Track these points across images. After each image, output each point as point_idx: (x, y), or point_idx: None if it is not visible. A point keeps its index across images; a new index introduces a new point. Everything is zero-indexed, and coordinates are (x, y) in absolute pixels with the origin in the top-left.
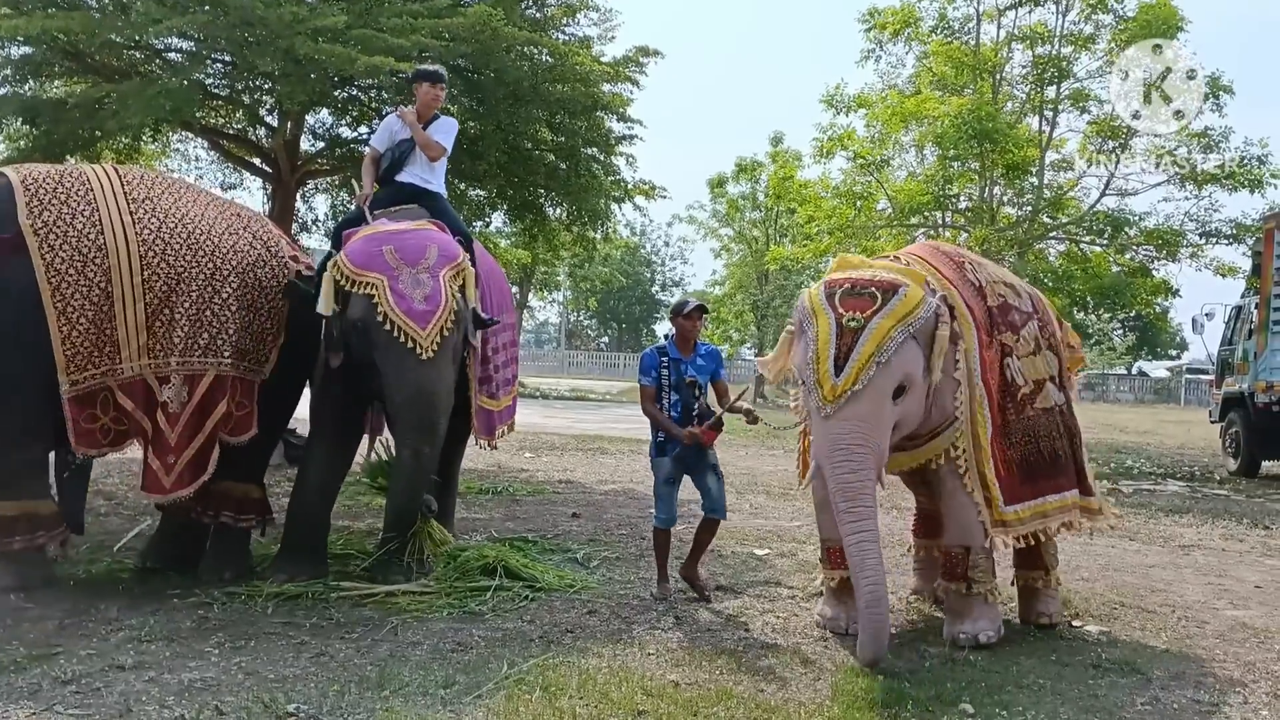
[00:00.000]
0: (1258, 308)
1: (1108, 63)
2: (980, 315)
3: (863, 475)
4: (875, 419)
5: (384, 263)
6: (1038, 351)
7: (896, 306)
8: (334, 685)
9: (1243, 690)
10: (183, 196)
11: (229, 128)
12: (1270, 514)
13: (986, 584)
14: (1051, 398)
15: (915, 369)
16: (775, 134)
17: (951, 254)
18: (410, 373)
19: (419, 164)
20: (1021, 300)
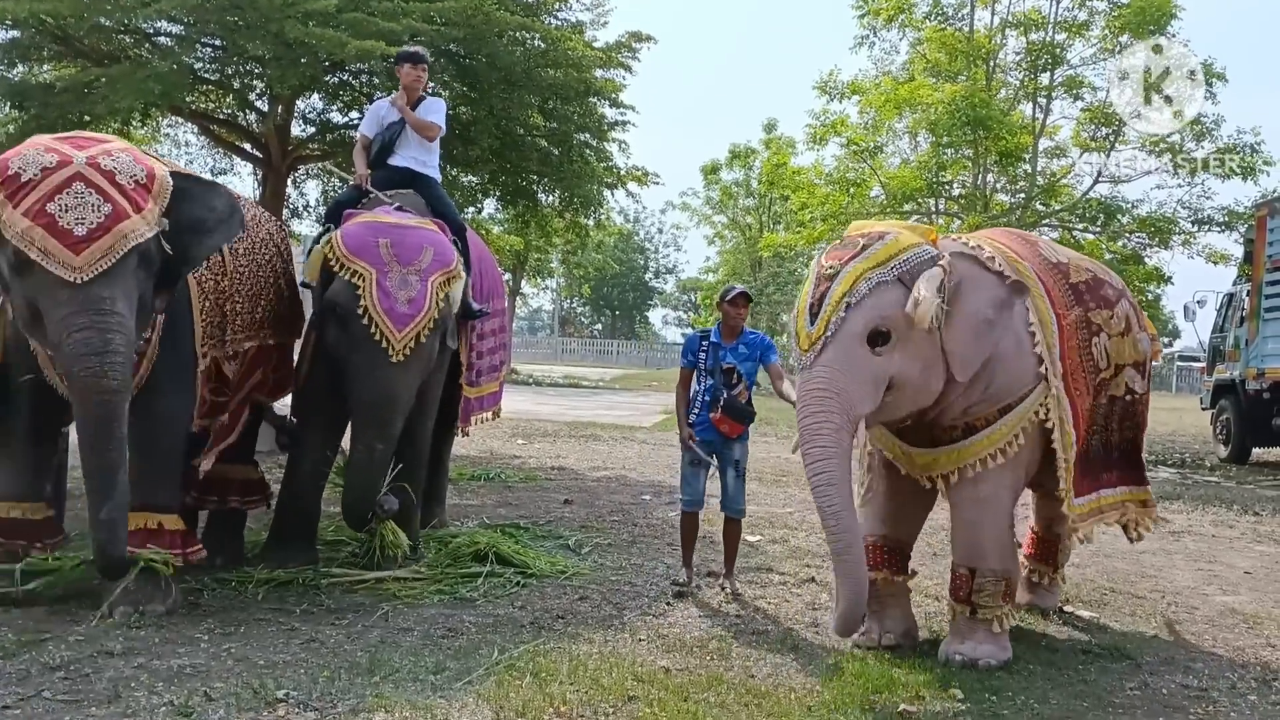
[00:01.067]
0: (1249, 295)
1: (1101, 50)
2: (1058, 291)
3: (824, 420)
4: (845, 365)
5: (377, 255)
6: (1128, 333)
7: (877, 251)
8: (324, 671)
9: (1231, 675)
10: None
11: (219, 112)
12: (1260, 500)
13: (994, 610)
14: (1130, 384)
15: (900, 315)
16: (769, 120)
17: (1026, 236)
18: (377, 371)
19: (412, 146)
20: (1112, 278)
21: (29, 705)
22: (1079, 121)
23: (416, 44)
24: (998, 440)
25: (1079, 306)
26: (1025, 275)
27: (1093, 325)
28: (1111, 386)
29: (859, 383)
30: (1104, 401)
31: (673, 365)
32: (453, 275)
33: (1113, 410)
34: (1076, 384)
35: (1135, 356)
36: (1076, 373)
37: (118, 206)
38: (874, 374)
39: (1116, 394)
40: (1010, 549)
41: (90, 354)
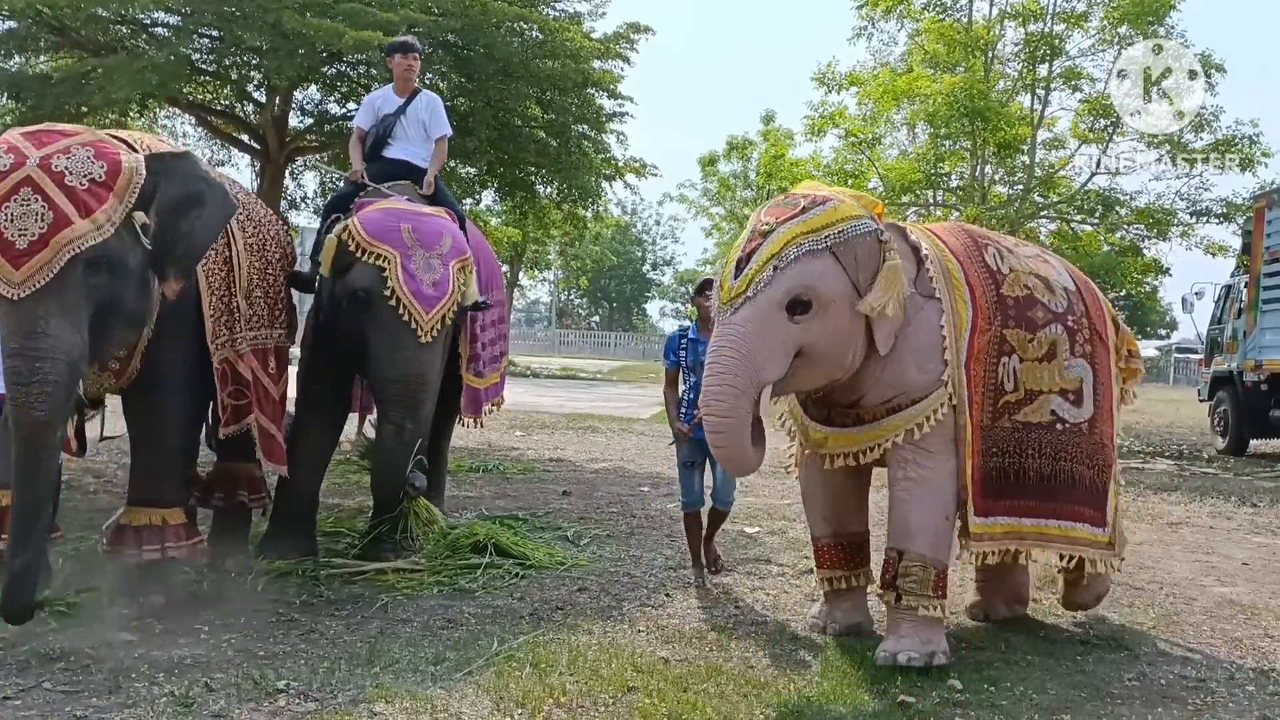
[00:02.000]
0: (1247, 286)
1: (1100, 41)
2: (983, 299)
3: (726, 384)
4: (760, 328)
5: (400, 239)
6: (1051, 359)
7: (815, 216)
8: (324, 662)
9: (1229, 666)
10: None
11: (216, 103)
12: (1258, 492)
13: (919, 599)
14: (1052, 412)
15: (825, 285)
16: (767, 112)
17: (975, 233)
18: (405, 352)
19: (408, 139)
20: (1054, 298)
21: (29, 696)
22: (1077, 113)
23: (412, 34)
24: (889, 430)
25: (998, 320)
26: (954, 282)
27: (1006, 344)
28: (1024, 412)
29: (769, 348)
30: (1009, 426)
31: None
32: (467, 263)
33: (1029, 438)
34: (974, 398)
35: (1061, 384)
36: (976, 387)
37: (60, 214)
38: (786, 341)
39: (1032, 420)
40: (945, 539)
41: (18, 384)
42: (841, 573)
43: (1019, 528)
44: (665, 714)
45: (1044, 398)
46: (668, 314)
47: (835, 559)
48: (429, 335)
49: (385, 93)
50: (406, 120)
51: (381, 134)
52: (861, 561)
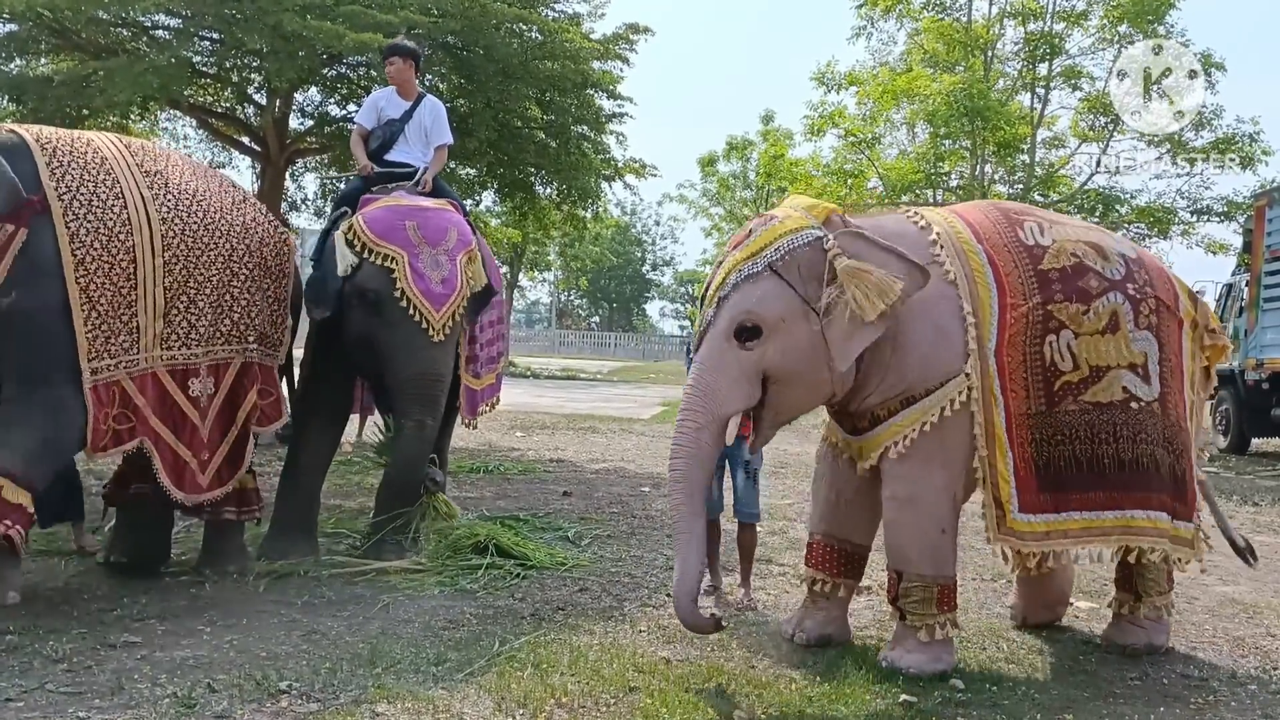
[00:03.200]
0: (1248, 285)
1: (1100, 40)
2: (1013, 275)
3: (686, 420)
4: (713, 362)
5: (406, 238)
6: (1114, 331)
7: (755, 239)
8: (326, 662)
9: (1231, 665)
10: (187, 169)
11: (217, 106)
12: (1260, 490)
13: (922, 617)
14: (1123, 390)
15: (767, 308)
16: (766, 112)
17: (1010, 209)
18: (419, 351)
19: (411, 143)
20: (1109, 264)
21: (31, 698)
22: (1077, 112)
23: (412, 36)
24: (895, 433)
25: (1039, 296)
26: (970, 260)
27: (1052, 320)
28: (1093, 392)
29: (728, 380)
30: (1075, 409)
31: (670, 357)
32: (473, 253)
33: (1101, 419)
34: (1014, 384)
35: (1131, 359)
36: (1016, 371)
37: None
38: (743, 370)
39: (1104, 400)
40: (944, 554)
41: None
42: (823, 575)
43: (1099, 522)
44: (667, 714)
45: (1113, 373)
46: (667, 314)
47: (822, 561)
48: (441, 334)
49: (389, 95)
50: (410, 127)
51: (387, 139)
52: (850, 573)
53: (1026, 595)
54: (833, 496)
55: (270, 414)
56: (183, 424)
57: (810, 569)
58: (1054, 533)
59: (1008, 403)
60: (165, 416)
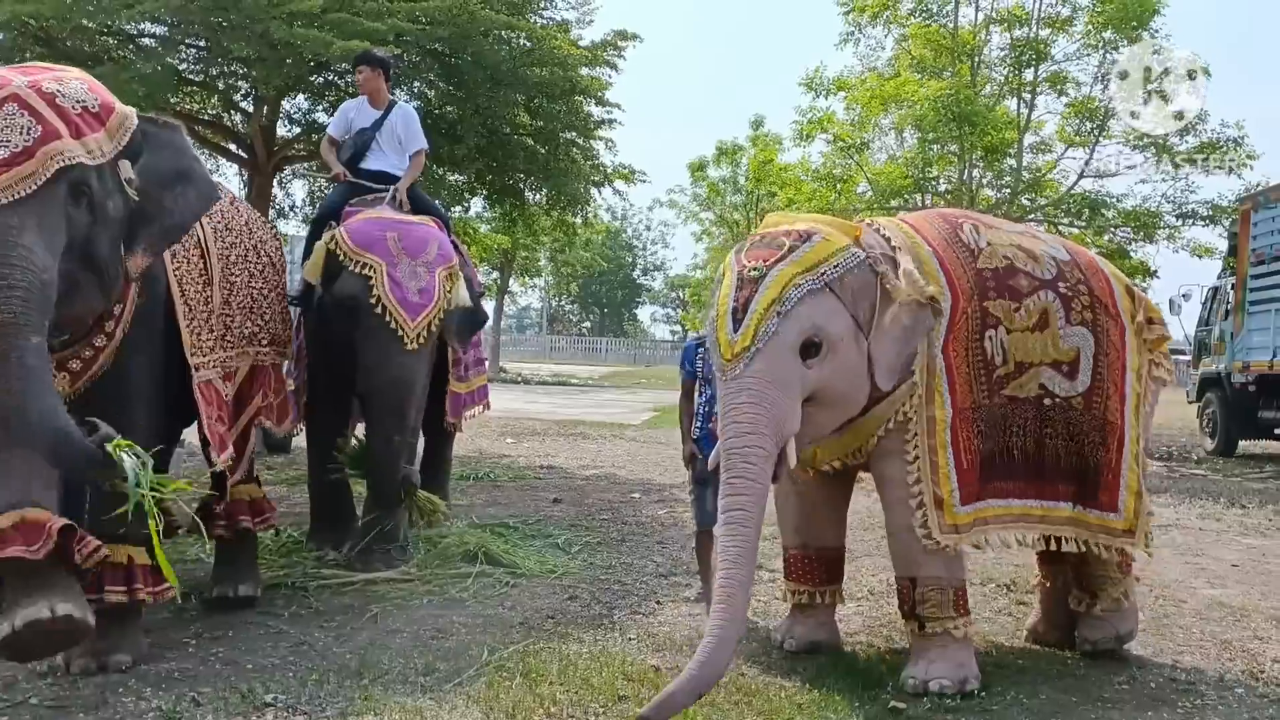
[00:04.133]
0: (1234, 288)
1: (1085, 45)
2: (960, 278)
3: (755, 444)
4: (775, 379)
5: (386, 249)
6: (1043, 328)
7: (806, 254)
8: (313, 674)
9: (1219, 668)
10: None
11: (204, 113)
12: (1247, 493)
13: (944, 622)
14: (1039, 386)
15: (832, 325)
16: (756, 117)
17: (951, 215)
18: (392, 360)
19: (386, 152)
20: (1038, 266)
21: (16, 712)
22: (1063, 116)
23: (401, 42)
24: (871, 429)
25: (978, 295)
26: (925, 266)
27: (989, 317)
28: (1014, 387)
29: (791, 397)
30: (1004, 402)
31: (661, 362)
32: (454, 271)
33: (1028, 415)
34: (959, 380)
35: (1055, 355)
36: (960, 367)
37: (49, 128)
38: (804, 388)
39: (1024, 396)
40: (953, 554)
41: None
42: (806, 588)
43: (1009, 510)
44: None
45: (1033, 371)
46: (659, 319)
47: (801, 572)
48: (415, 342)
49: (360, 104)
50: (382, 135)
51: (359, 148)
52: (830, 579)
53: (1044, 614)
54: (802, 508)
55: (281, 414)
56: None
57: (791, 582)
58: (978, 521)
59: (954, 398)
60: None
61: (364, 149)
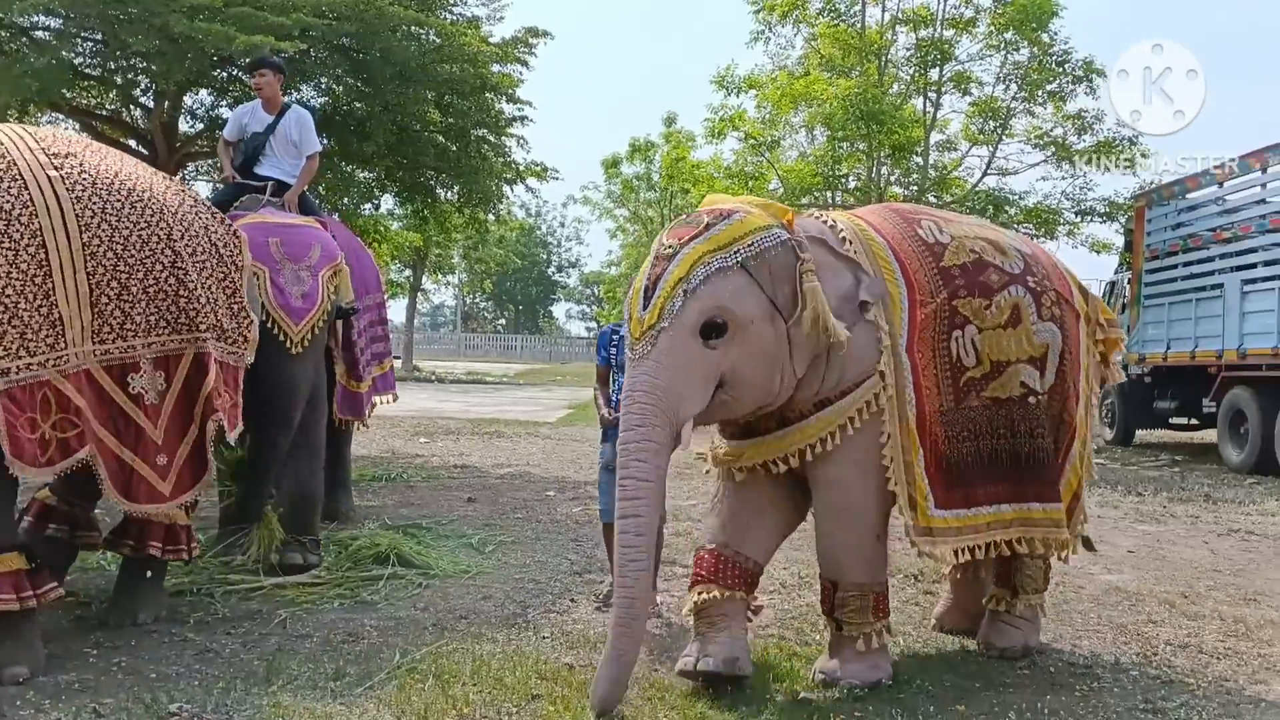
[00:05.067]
0: (1130, 283)
1: (987, 46)
2: (919, 273)
3: (647, 433)
4: (673, 360)
5: (269, 254)
6: (1015, 324)
7: (720, 232)
8: (219, 682)
9: (1115, 651)
10: (109, 154)
11: (103, 108)
12: (1143, 481)
13: (859, 626)
14: (1021, 385)
15: (739, 305)
16: (669, 114)
17: (906, 210)
18: (276, 364)
19: (277, 157)
20: (1007, 259)
21: None
22: (968, 115)
23: (307, 39)
24: (808, 436)
25: (944, 293)
26: (879, 259)
27: (957, 315)
28: (993, 387)
29: (689, 381)
30: (978, 405)
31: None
32: (339, 269)
33: (999, 415)
34: (926, 381)
35: (1030, 352)
36: (927, 368)
37: None
38: (705, 371)
39: (1002, 396)
40: (878, 561)
41: None
42: (714, 588)
43: (999, 516)
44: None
45: (1013, 369)
46: (574, 316)
47: (712, 570)
48: (299, 347)
49: (254, 108)
50: (276, 139)
51: (251, 153)
52: (745, 585)
53: (954, 604)
54: (737, 510)
55: (230, 418)
56: (126, 427)
57: (700, 584)
58: (966, 529)
59: (920, 401)
60: (106, 419)
61: (256, 154)
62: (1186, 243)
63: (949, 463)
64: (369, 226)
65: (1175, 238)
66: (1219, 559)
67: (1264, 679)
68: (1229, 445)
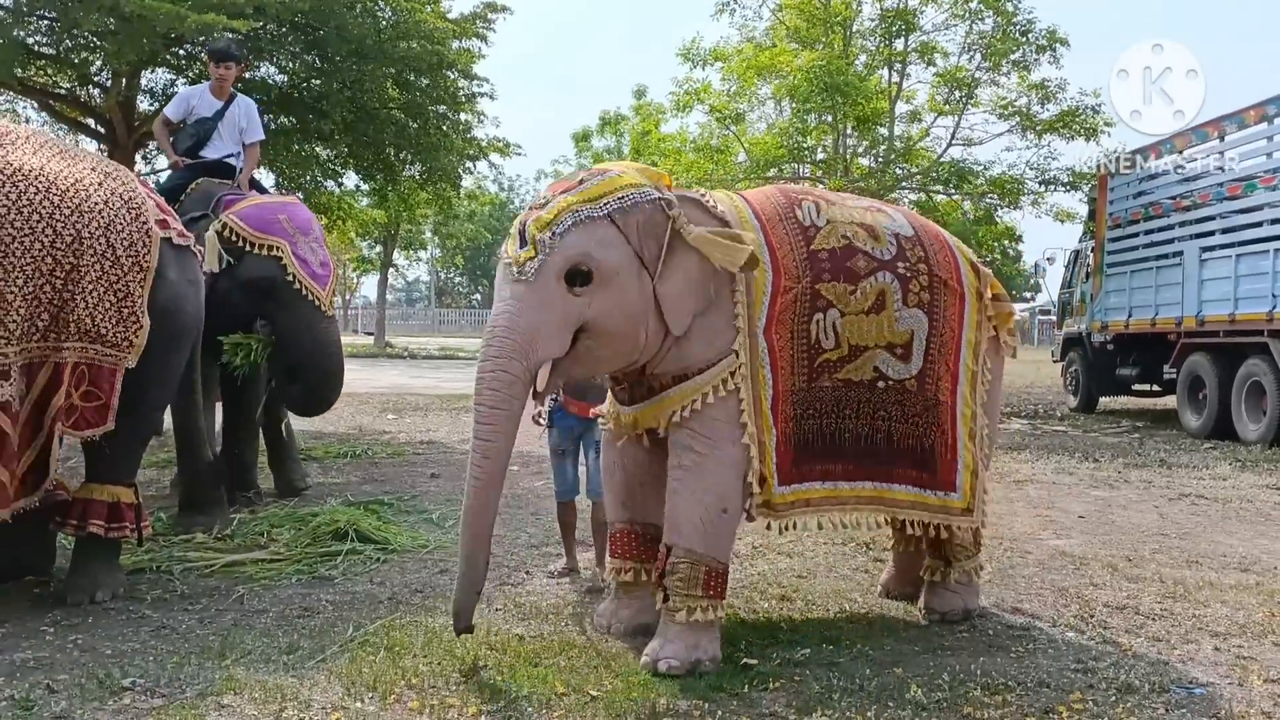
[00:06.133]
0: (1093, 251)
1: (952, 16)
2: (788, 258)
3: (503, 367)
4: (536, 301)
5: (283, 229)
6: (879, 311)
7: (593, 186)
8: (174, 657)
9: (1053, 614)
10: (13, 146)
11: (58, 87)
12: (1101, 448)
13: (685, 600)
14: (874, 370)
15: (605, 255)
16: (639, 87)
17: (792, 191)
18: (317, 326)
19: (225, 140)
20: (879, 245)
21: None
22: (933, 85)
23: (261, 16)
24: (670, 405)
25: (809, 276)
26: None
27: (820, 300)
28: (846, 370)
29: (549, 323)
30: (829, 386)
31: None
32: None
33: (849, 397)
34: (782, 361)
35: (890, 338)
36: (784, 350)
37: None
38: (566, 315)
39: (855, 379)
40: (720, 534)
41: None
42: (631, 564)
43: (836, 492)
44: (515, 688)
45: (869, 354)
46: None
47: (625, 547)
48: (329, 308)
49: (202, 92)
50: (224, 125)
51: (201, 136)
52: (652, 555)
53: (897, 571)
54: (627, 481)
55: (92, 420)
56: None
57: (615, 559)
58: (798, 502)
59: (776, 381)
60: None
61: (206, 137)
62: (1148, 211)
63: (795, 439)
64: (333, 204)
65: (1137, 206)
66: (1166, 523)
67: (1196, 639)
68: (1188, 411)
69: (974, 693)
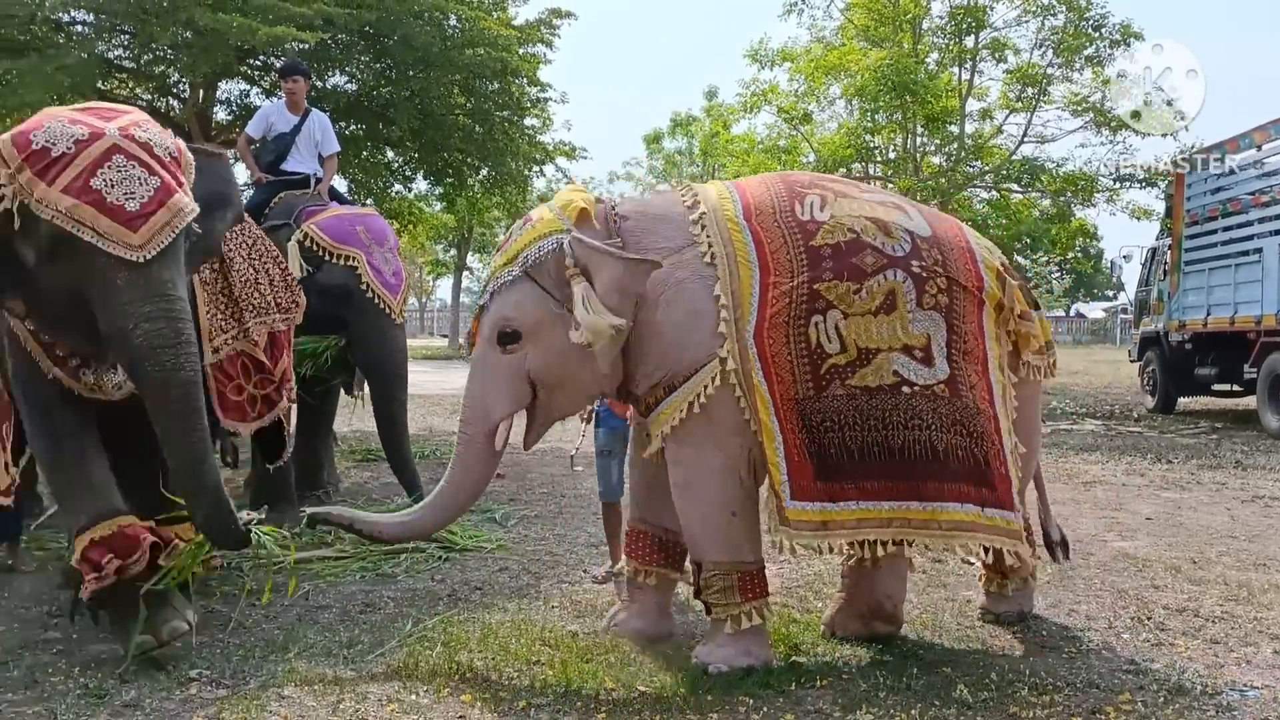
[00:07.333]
0: (1170, 249)
1: (1024, 12)
2: (780, 253)
3: (462, 429)
4: (478, 370)
5: (359, 240)
6: (889, 311)
7: (513, 243)
8: (239, 650)
9: (1110, 615)
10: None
11: (138, 100)
12: (1176, 449)
13: (726, 608)
14: (894, 374)
15: (521, 314)
16: (710, 88)
17: (797, 181)
18: (388, 332)
19: (303, 154)
20: (890, 241)
21: None
22: (1004, 83)
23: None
24: (664, 420)
25: (805, 275)
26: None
27: (819, 300)
28: (860, 375)
29: (495, 386)
30: (843, 394)
31: None
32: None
33: (870, 405)
34: (778, 367)
35: (905, 340)
36: (779, 354)
37: (164, 180)
38: (509, 374)
39: (873, 385)
40: (738, 538)
41: (164, 347)
42: (637, 565)
43: (874, 513)
44: (566, 683)
45: (882, 357)
46: None
47: (638, 549)
48: (401, 315)
49: (279, 109)
50: (301, 139)
51: (281, 151)
52: (664, 562)
53: (847, 600)
54: (644, 480)
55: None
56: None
57: (629, 559)
58: (831, 524)
59: (772, 387)
60: None
61: (285, 152)
62: (1226, 207)
63: (811, 453)
64: (403, 208)
65: (1214, 202)
66: (1236, 525)
67: (1255, 641)
68: (1268, 411)
69: (1021, 692)
